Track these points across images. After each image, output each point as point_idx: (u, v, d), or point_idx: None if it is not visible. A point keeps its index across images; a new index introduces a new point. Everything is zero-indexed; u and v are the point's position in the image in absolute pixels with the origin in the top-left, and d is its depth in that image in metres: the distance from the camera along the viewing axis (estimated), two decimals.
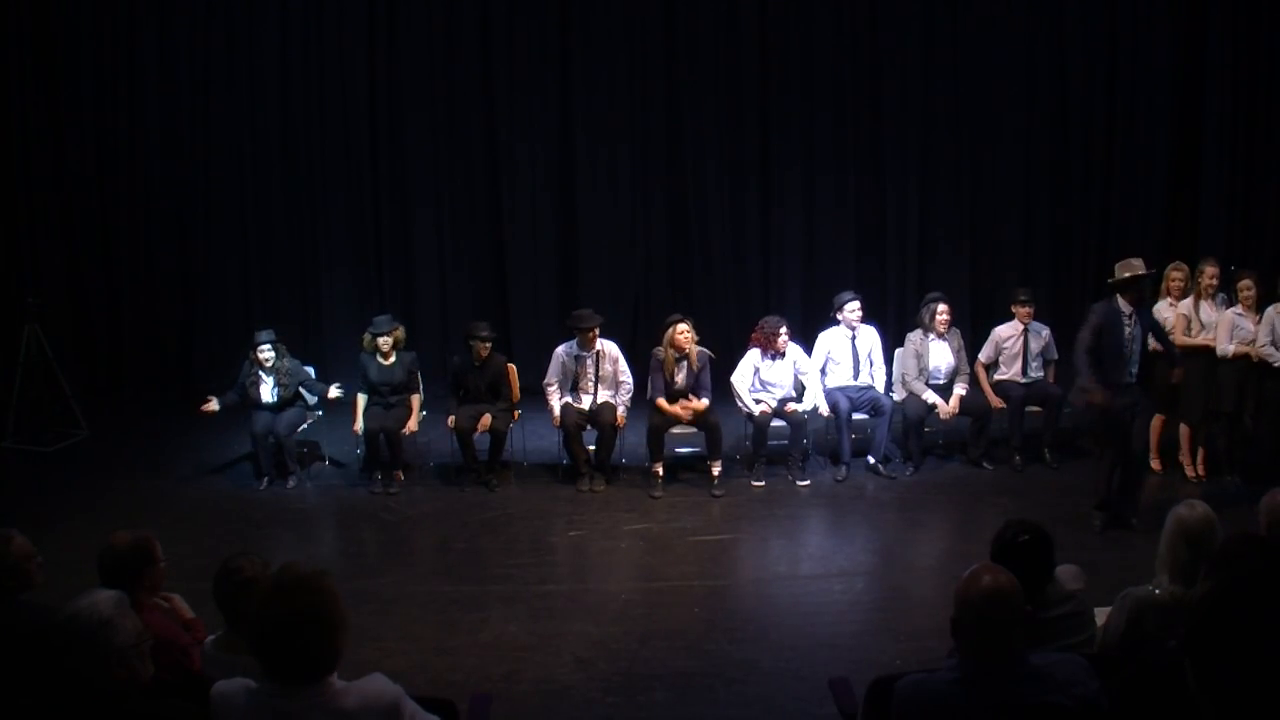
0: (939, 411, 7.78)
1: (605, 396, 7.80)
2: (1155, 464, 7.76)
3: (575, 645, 5.55)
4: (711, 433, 7.60)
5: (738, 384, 7.77)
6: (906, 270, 9.99)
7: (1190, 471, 7.60)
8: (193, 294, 9.84)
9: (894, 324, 9.43)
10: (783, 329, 7.76)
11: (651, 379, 7.70)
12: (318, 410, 8.13)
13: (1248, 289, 7.26)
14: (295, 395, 7.82)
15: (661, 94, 9.76)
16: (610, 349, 7.84)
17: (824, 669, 4.91)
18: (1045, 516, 3.86)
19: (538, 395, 8.22)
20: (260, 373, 7.70)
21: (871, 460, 7.90)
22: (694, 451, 8.07)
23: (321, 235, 9.78)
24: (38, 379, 8.53)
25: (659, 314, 9.62)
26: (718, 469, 7.64)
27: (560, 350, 7.84)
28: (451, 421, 7.66)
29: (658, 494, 7.55)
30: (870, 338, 8.04)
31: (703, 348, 7.72)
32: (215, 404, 7.67)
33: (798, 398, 7.83)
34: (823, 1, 9.68)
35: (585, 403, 7.81)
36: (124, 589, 3.21)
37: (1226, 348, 7.22)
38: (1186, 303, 7.47)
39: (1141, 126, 9.91)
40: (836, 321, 8.02)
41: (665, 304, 9.78)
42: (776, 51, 9.71)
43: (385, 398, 7.80)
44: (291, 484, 7.75)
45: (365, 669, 2.77)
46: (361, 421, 7.75)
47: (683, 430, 7.74)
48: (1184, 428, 7.63)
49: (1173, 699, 2.84)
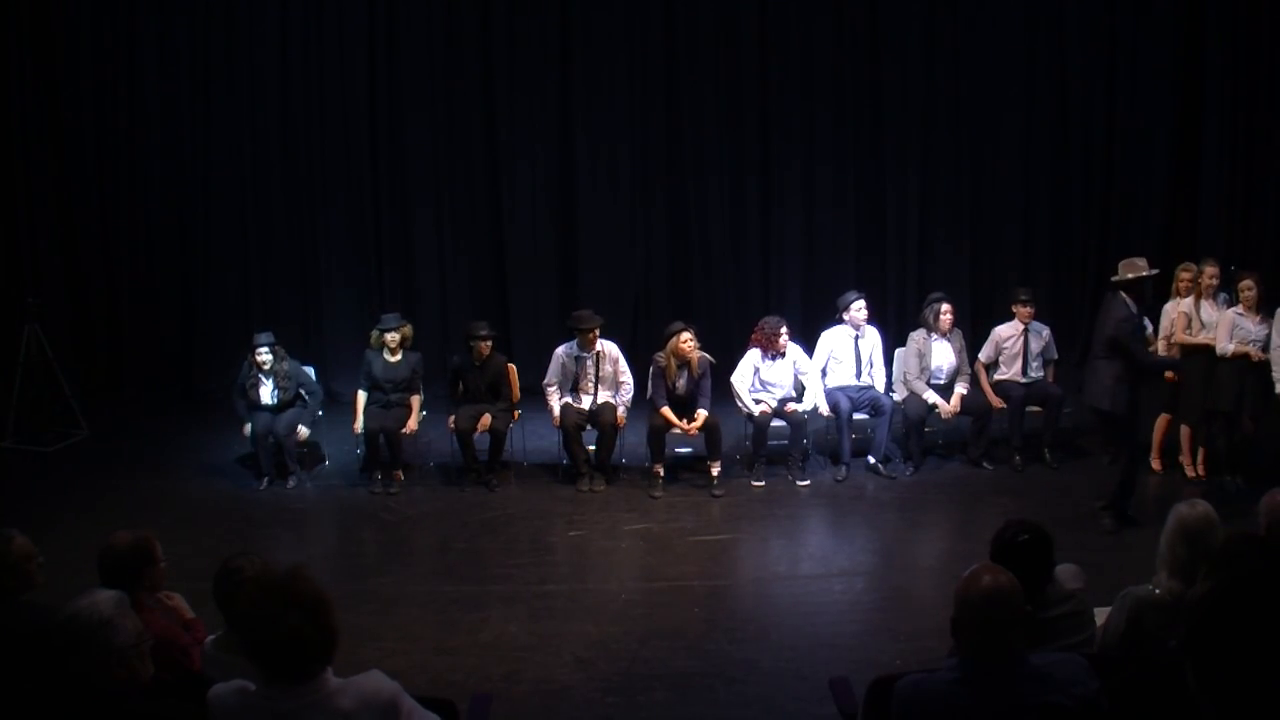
0: (940, 411, 7.78)
1: (605, 397, 7.80)
2: (1156, 463, 7.76)
3: (575, 645, 5.55)
4: (711, 433, 7.60)
5: (738, 384, 7.77)
6: (906, 270, 9.98)
7: (1190, 472, 7.60)
8: (193, 294, 9.83)
9: (894, 324, 9.43)
10: (783, 329, 7.77)
11: (652, 384, 7.69)
12: (318, 411, 8.12)
13: (1249, 289, 7.26)
14: (295, 397, 7.82)
15: (661, 94, 9.76)
16: (610, 350, 7.84)
17: (824, 669, 4.91)
18: (1045, 516, 3.86)
19: (538, 395, 8.22)
20: (260, 375, 7.70)
21: (871, 460, 7.90)
22: (694, 452, 8.07)
23: (321, 235, 9.77)
24: (38, 379, 8.53)
25: (659, 314, 9.64)
26: (717, 469, 7.64)
27: (560, 351, 7.84)
28: (452, 421, 7.66)
29: (658, 494, 7.55)
30: (872, 338, 8.05)
31: (704, 354, 7.71)
32: (248, 428, 7.71)
33: (798, 398, 7.84)
34: (823, 1, 9.68)
35: (585, 403, 7.82)
36: (124, 589, 3.22)
37: (1226, 347, 7.22)
38: (1188, 301, 7.48)
39: (1141, 126, 9.90)
40: (840, 320, 8.02)
41: (665, 304, 9.79)
42: (776, 51, 9.71)
43: (387, 394, 7.79)
44: (291, 484, 7.75)
45: (365, 669, 2.76)
46: (361, 421, 7.75)
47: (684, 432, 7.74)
48: (1184, 428, 7.63)
49: (1173, 699, 2.85)
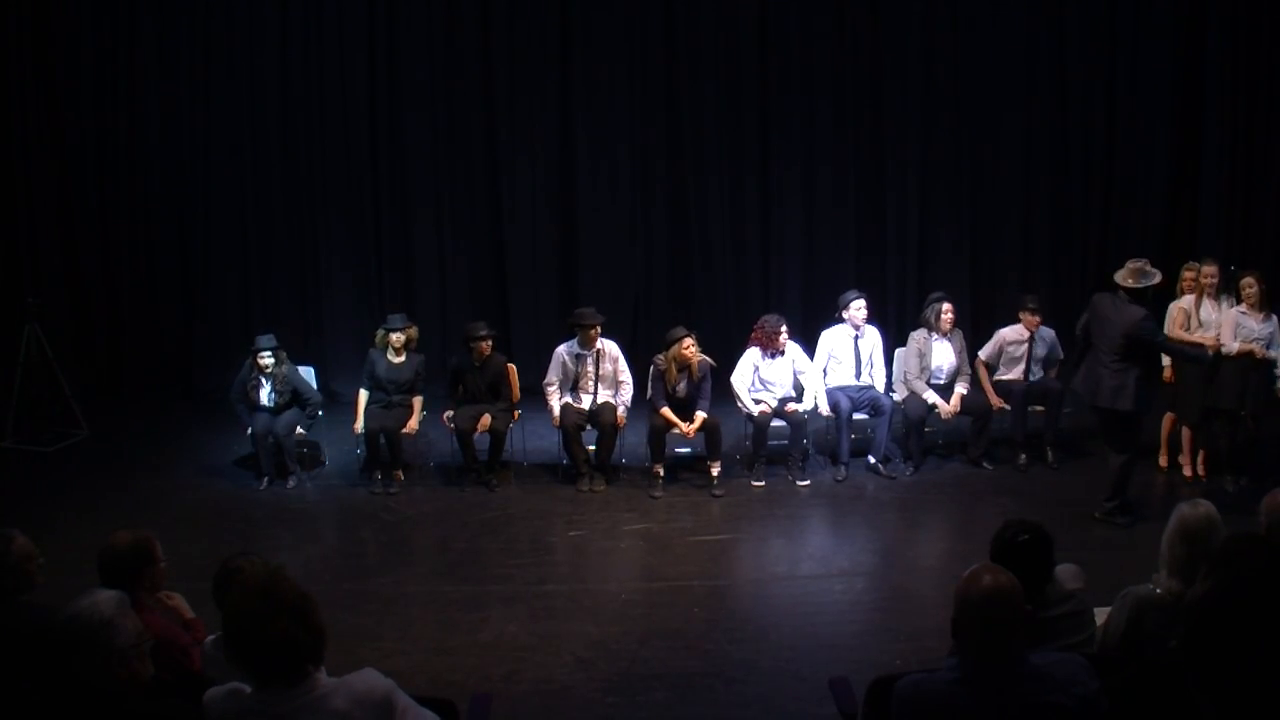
0: (940, 411, 7.78)
1: (605, 396, 7.80)
2: (1163, 460, 7.77)
3: (575, 645, 5.55)
4: (711, 433, 7.60)
5: (737, 384, 7.77)
6: (906, 270, 9.98)
7: (1188, 471, 7.60)
8: (193, 294, 9.82)
9: (894, 324, 9.43)
10: (783, 328, 7.77)
11: (652, 385, 7.69)
12: (317, 413, 8.13)
13: (1251, 286, 7.27)
14: (290, 401, 7.81)
15: (661, 94, 9.75)
16: (610, 348, 7.85)
17: (824, 669, 4.91)
18: (1045, 516, 3.85)
19: (538, 395, 8.22)
20: (260, 377, 7.70)
21: (872, 460, 7.90)
22: (694, 452, 8.07)
23: (321, 235, 9.77)
24: (38, 379, 8.53)
25: (659, 314, 9.65)
26: (717, 469, 7.64)
27: (561, 350, 7.84)
28: (447, 417, 7.66)
29: (658, 494, 7.55)
30: (873, 337, 8.05)
31: (705, 357, 7.71)
32: (250, 429, 7.74)
33: (797, 397, 7.83)
34: (823, 1, 9.68)
35: (585, 403, 7.82)
36: (124, 589, 3.21)
37: (1231, 346, 7.23)
38: (1188, 299, 7.49)
39: (1141, 126, 9.90)
40: (840, 320, 8.02)
41: (665, 304, 9.79)
42: (776, 51, 9.71)
43: (389, 395, 7.79)
44: (292, 484, 7.75)
45: (363, 668, 2.76)
46: (362, 421, 7.74)
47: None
48: (1185, 428, 7.63)
49: (1173, 699, 2.85)
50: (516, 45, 9.60)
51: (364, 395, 7.84)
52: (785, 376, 7.83)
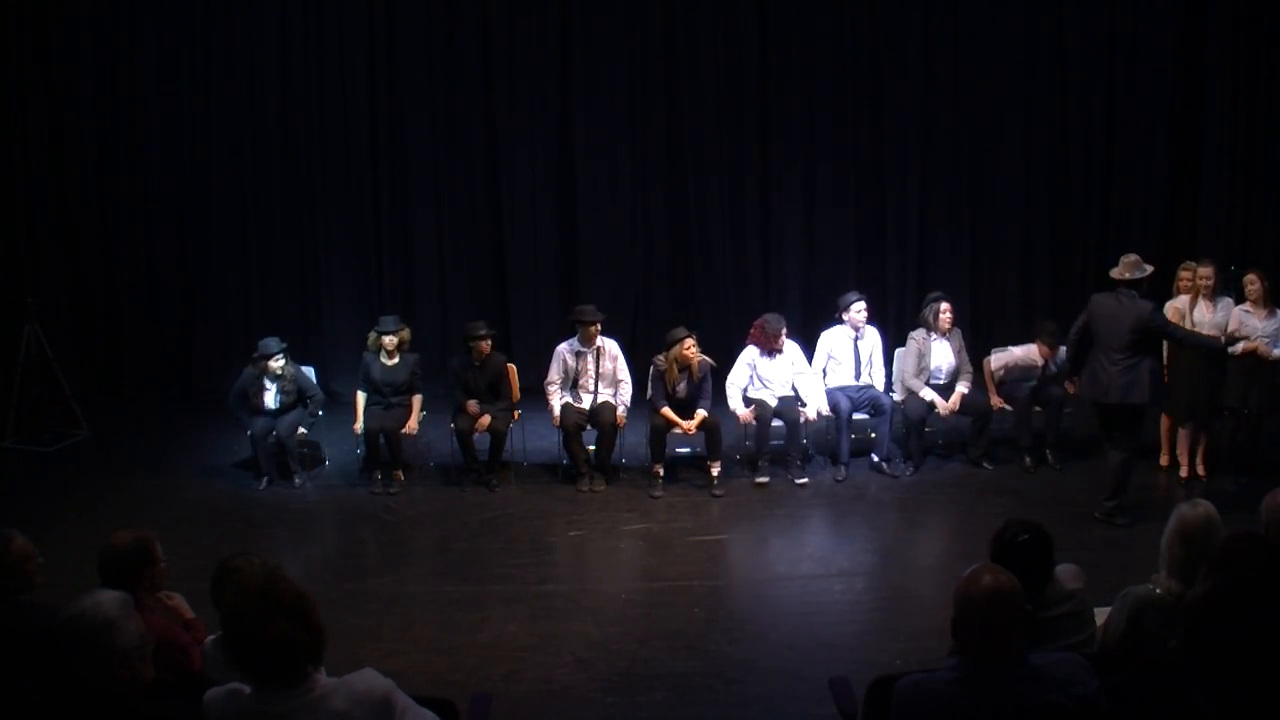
0: (939, 409, 7.77)
1: (605, 395, 7.81)
2: (1164, 460, 7.77)
3: (575, 645, 5.55)
4: (711, 433, 7.60)
5: (731, 384, 7.76)
6: (906, 270, 9.98)
7: (1185, 471, 7.58)
8: (193, 294, 9.82)
9: (894, 324, 9.43)
10: (783, 328, 7.77)
11: (652, 385, 7.69)
12: (318, 412, 8.12)
13: (1254, 283, 7.26)
14: (296, 400, 7.81)
15: (661, 94, 9.75)
16: (610, 346, 7.85)
17: (824, 669, 4.90)
18: (1046, 516, 3.86)
19: (538, 395, 8.22)
20: (266, 380, 7.68)
21: (875, 459, 7.91)
22: (694, 452, 8.07)
23: (321, 235, 9.77)
24: (38, 379, 8.53)
25: (659, 314, 9.65)
26: (717, 469, 7.64)
27: (562, 347, 7.85)
28: (458, 413, 7.66)
29: (658, 494, 7.55)
30: (872, 338, 8.05)
31: (705, 357, 7.71)
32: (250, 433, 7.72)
33: (795, 397, 7.83)
34: (823, 2, 9.68)
35: (585, 402, 7.82)
36: (124, 589, 3.21)
37: (1236, 345, 7.23)
38: (1183, 299, 7.47)
39: (1141, 126, 9.90)
40: (840, 321, 8.02)
41: (665, 304, 9.79)
42: (776, 51, 9.71)
43: (387, 398, 7.79)
44: (297, 483, 7.73)
45: (362, 668, 2.76)
46: (362, 421, 7.74)
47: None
48: (1181, 428, 7.63)
49: (1173, 699, 2.85)
50: (516, 45, 9.60)
51: (362, 396, 7.84)
52: (784, 374, 7.83)
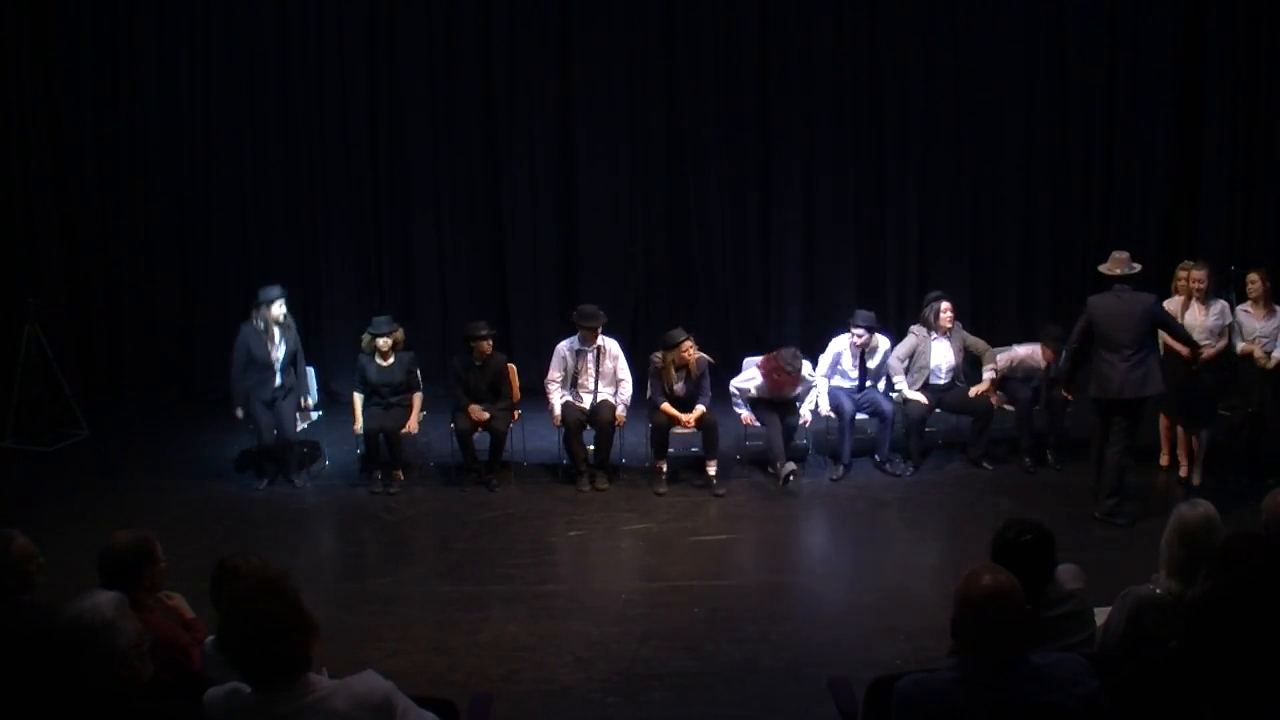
0: (971, 392, 7.78)
1: (605, 394, 7.79)
2: (1164, 460, 7.76)
3: (575, 645, 5.55)
4: (709, 431, 7.60)
5: (736, 392, 7.76)
6: (906, 270, 9.98)
7: (1184, 471, 7.55)
8: (193, 294, 9.82)
9: (894, 326, 9.40)
10: (800, 368, 7.58)
11: (650, 384, 7.69)
12: (317, 410, 8.11)
13: (1254, 283, 7.25)
14: (295, 357, 7.78)
15: (661, 94, 9.76)
16: (611, 346, 7.84)
17: (824, 669, 4.92)
18: (1046, 516, 3.85)
19: (538, 395, 8.22)
20: (275, 330, 7.61)
21: (877, 458, 7.91)
22: (696, 451, 8.05)
23: (321, 235, 9.77)
24: (38, 379, 8.53)
25: (659, 314, 9.65)
26: (714, 468, 7.63)
27: (562, 346, 7.83)
28: (457, 413, 7.65)
29: (662, 490, 7.54)
30: (880, 346, 7.95)
31: (703, 355, 7.70)
32: (240, 412, 7.71)
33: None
34: (823, 2, 9.69)
35: (585, 401, 7.81)
36: (124, 589, 3.21)
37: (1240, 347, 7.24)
38: (1178, 300, 7.48)
39: (1141, 126, 9.90)
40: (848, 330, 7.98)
41: (665, 304, 9.79)
42: (776, 51, 9.71)
43: (385, 399, 7.78)
44: (297, 483, 7.72)
45: (364, 668, 2.76)
46: (361, 421, 7.74)
47: (683, 429, 7.70)
48: (1179, 428, 7.63)
49: (1173, 699, 2.85)
50: (516, 45, 9.60)
51: (359, 398, 7.82)
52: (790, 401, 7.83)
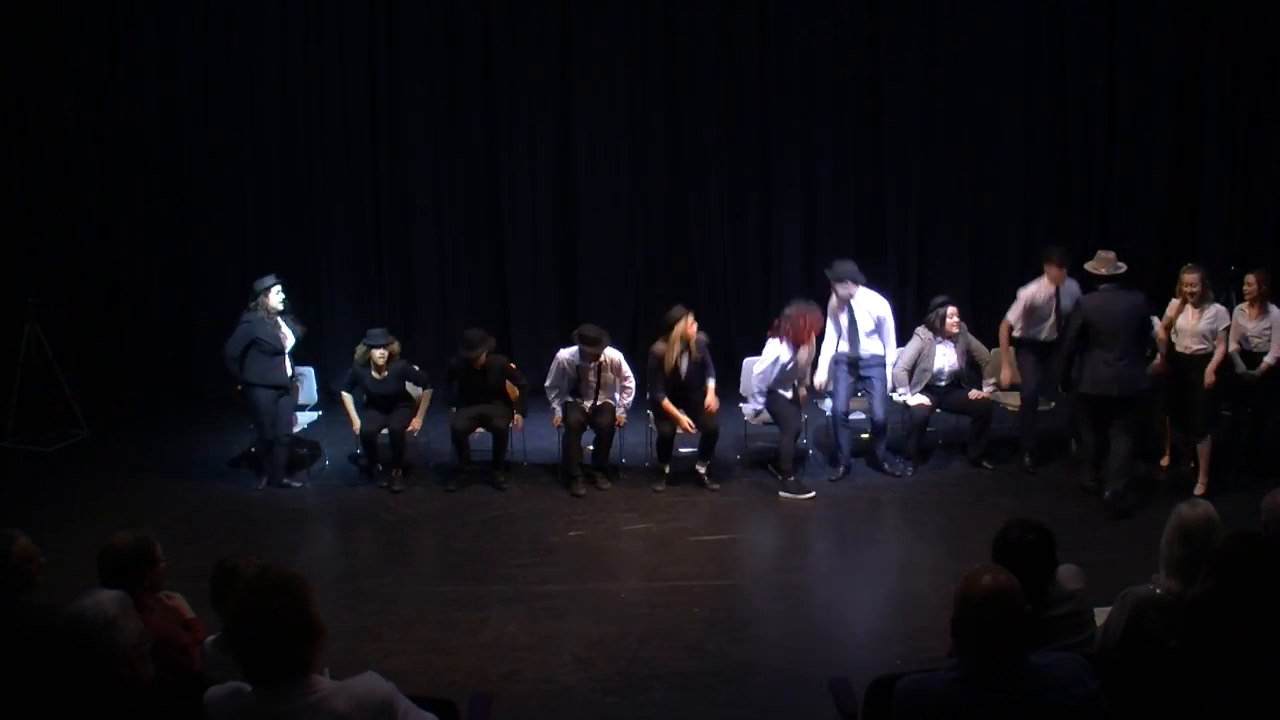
0: (971, 394, 7.80)
1: (605, 399, 7.75)
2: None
3: (575, 645, 5.55)
4: (708, 437, 7.57)
5: (756, 379, 7.62)
6: (906, 270, 9.98)
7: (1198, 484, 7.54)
8: (193, 294, 9.82)
9: (894, 324, 9.40)
10: (819, 316, 7.56)
11: (652, 381, 7.61)
12: (316, 410, 8.11)
13: (1250, 284, 7.24)
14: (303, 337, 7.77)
15: (661, 94, 9.76)
16: (612, 357, 7.70)
17: (824, 669, 4.91)
18: (1046, 516, 3.85)
19: (537, 395, 8.19)
20: (280, 319, 7.54)
21: (876, 456, 7.90)
22: (695, 451, 8.04)
23: (321, 235, 9.77)
24: (38, 379, 8.52)
25: (659, 315, 9.59)
26: (704, 468, 7.63)
27: (563, 357, 7.68)
28: (455, 413, 7.65)
29: (660, 488, 7.55)
30: (869, 306, 7.79)
31: (701, 334, 7.63)
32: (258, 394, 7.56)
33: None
34: (823, 3, 9.69)
35: (587, 404, 7.72)
36: (124, 589, 3.21)
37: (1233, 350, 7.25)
38: (1175, 302, 7.47)
39: (1142, 126, 9.89)
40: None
41: (665, 305, 9.71)
42: (776, 51, 9.71)
43: (386, 405, 7.74)
44: (297, 484, 7.70)
45: (364, 668, 2.77)
46: (359, 422, 7.68)
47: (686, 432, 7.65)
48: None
49: (1173, 699, 2.85)
50: (517, 45, 9.60)
51: (348, 397, 7.77)
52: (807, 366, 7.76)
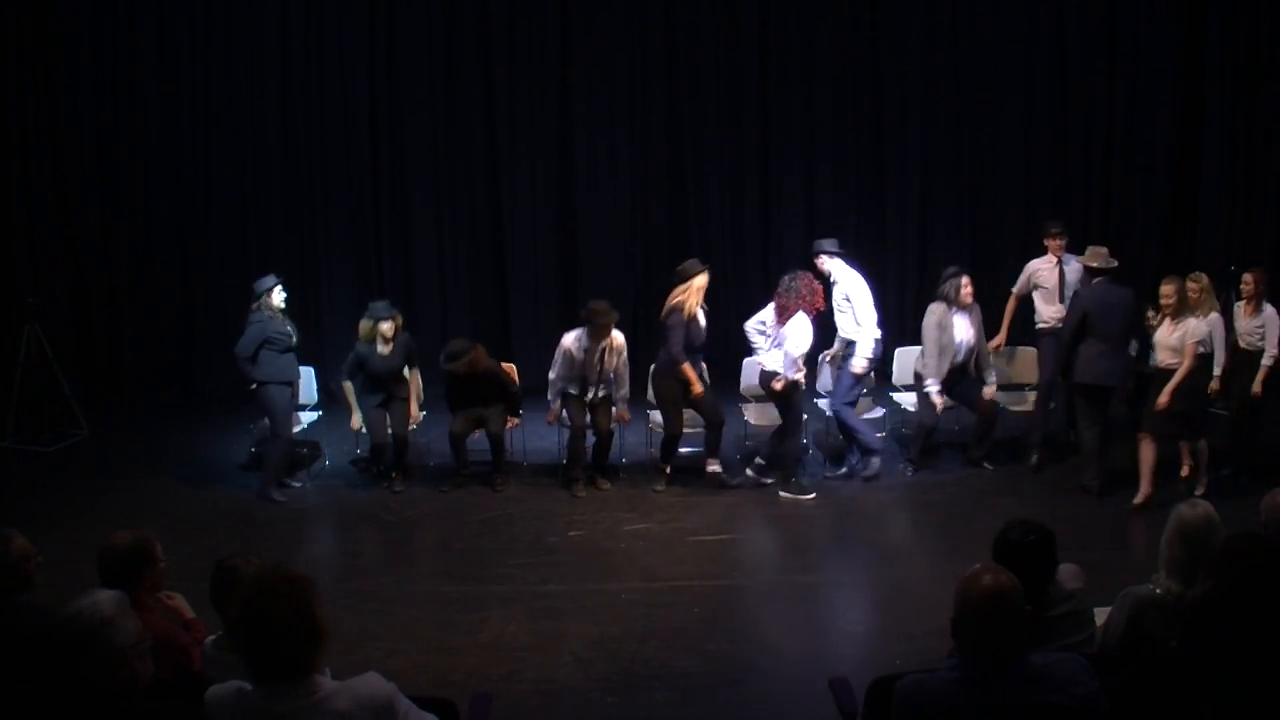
0: (937, 407, 7.60)
1: (604, 391, 7.67)
2: (1184, 470, 7.75)
3: (575, 645, 5.55)
4: (713, 431, 7.57)
5: (799, 359, 7.40)
6: (907, 271, 9.99)
7: (1185, 470, 7.53)
8: (193, 294, 9.83)
9: (894, 322, 9.40)
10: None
11: (674, 337, 7.38)
12: (316, 410, 8.11)
13: (1247, 283, 7.24)
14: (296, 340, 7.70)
15: (661, 94, 9.77)
16: (618, 339, 7.58)
17: (824, 669, 4.90)
18: (1047, 516, 3.85)
19: (537, 395, 8.16)
20: (283, 316, 7.50)
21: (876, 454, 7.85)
22: (696, 451, 8.03)
23: (321, 235, 9.78)
24: (38, 379, 8.53)
25: (659, 314, 9.62)
26: (717, 465, 7.59)
27: (569, 341, 7.51)
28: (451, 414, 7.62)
29: (660, 488, 7.55)
30: (848, 288, 7.72)
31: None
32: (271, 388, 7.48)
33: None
34: (823, 3, 9.69)
35: (587, 395, 7.60)
36: (124, 589, 3.21)
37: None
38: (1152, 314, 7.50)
39: (1141, 126, 9.90)
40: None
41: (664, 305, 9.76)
42: (776, 51, 9.72)
43: (387, 387, 7.63)
44: (297, 484, 7.70)
45: (365, 668, 2.77)
46: (359, 416, 7.63)
47: (691, 430, 7.64)
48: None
49: (1173, 699, 2.85)
50: (516, 45, 9.61)
51: (350, 386, 7.67)
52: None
